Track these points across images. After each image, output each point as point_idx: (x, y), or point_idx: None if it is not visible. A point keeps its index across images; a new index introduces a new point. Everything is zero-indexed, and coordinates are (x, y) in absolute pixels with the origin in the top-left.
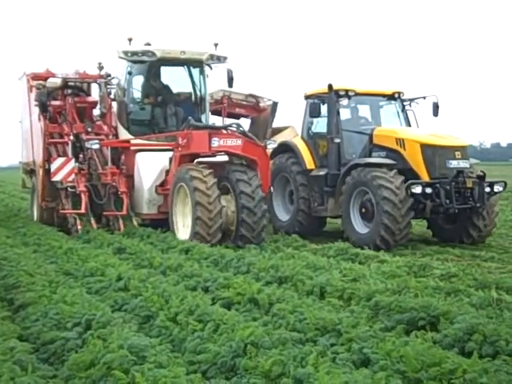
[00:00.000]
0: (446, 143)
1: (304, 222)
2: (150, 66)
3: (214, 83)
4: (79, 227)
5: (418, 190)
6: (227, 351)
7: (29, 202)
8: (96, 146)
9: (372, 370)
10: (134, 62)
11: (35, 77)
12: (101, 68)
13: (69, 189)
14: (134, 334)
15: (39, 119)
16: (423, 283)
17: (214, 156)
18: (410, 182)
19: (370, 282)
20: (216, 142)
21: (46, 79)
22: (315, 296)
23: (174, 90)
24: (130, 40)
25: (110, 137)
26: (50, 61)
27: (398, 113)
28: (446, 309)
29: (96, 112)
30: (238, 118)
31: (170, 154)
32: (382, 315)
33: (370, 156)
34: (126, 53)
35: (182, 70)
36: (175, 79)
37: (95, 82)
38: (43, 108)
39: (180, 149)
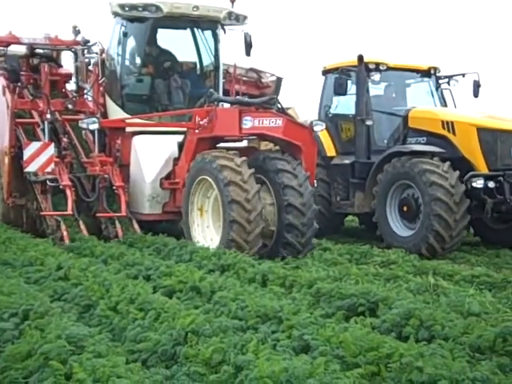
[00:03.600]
0: (511, 127)
1: (321, 224)
2: (152, 25)
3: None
4: (65, 234)
5: (479, 184)
6: (168, 339)
7: None
8: (95, 126)
9: (312, 355)
10: (131, 19)
11: None
12: (77, 32)
13: (48, 182)
14: (72, 323)
15: (3, 93)
16: (364, 270)
17: (241, 141)
18: (470, 174)
19: (312, 269)
20: (249, 123)
21: (8, 45)
22: (257, 284)
23: (179, 59)
24: None
25: (98, 116)
26: (12, 23)
27: (431, 92)
28: (385, 295)
29: (69, 87)
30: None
31: (179, 137)
32: (322, 302)
33: (404, 142)
34: (122, 7)
35: (188, 33)
36: (180, 44)
37: (70, 49)
38: (15, 76)
39: (198, 130)
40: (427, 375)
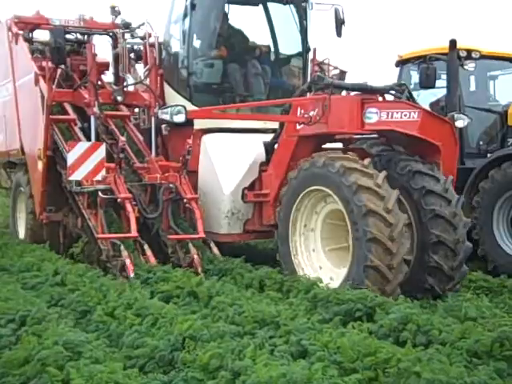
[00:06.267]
0: None
1: None
2: None
3: None
4: (128, 263)
5: None
6: (165, 345)
7: (9, 211)
8: (181, 118)
9: (309, 361)
10: None
11: (20, 23)
12: (116, 13)
13: (100, 194)
14: (69, 329)
15: (36, 82)
16: None
17: (353, 141)
18: None
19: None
20: (374, 116)
21: (34, 27)
22: (254, 289)
23: (257, 39)
24: None
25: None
26: (41, 1)
27: None
28: (382, 300)
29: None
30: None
31: (265, 136)
32: (320, 307)
33: (502, 143)
34: None
35: (271, 8)
36: (259, 22)
37: (107, 33)
38: (59, 57)
39: (302, 126)
40: (425, 380)
